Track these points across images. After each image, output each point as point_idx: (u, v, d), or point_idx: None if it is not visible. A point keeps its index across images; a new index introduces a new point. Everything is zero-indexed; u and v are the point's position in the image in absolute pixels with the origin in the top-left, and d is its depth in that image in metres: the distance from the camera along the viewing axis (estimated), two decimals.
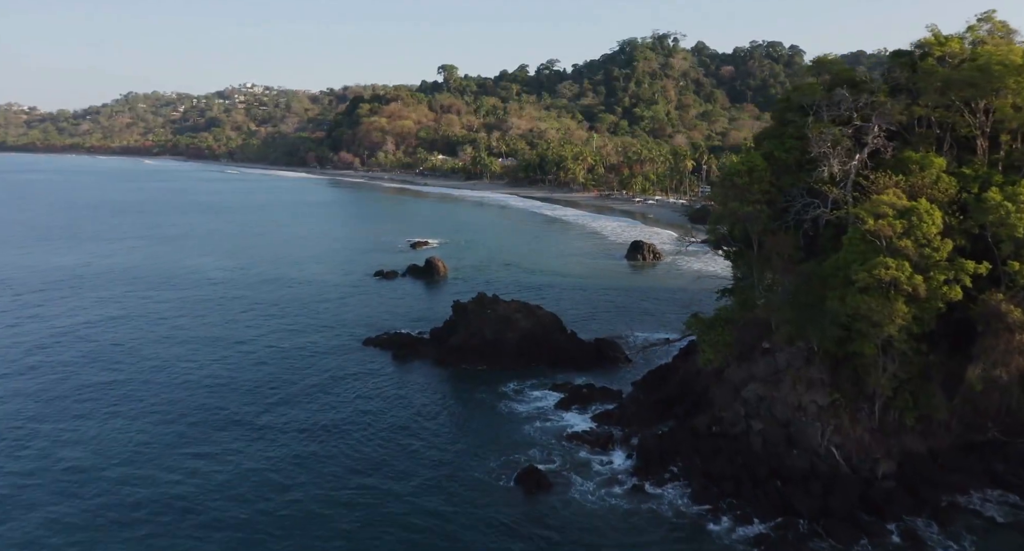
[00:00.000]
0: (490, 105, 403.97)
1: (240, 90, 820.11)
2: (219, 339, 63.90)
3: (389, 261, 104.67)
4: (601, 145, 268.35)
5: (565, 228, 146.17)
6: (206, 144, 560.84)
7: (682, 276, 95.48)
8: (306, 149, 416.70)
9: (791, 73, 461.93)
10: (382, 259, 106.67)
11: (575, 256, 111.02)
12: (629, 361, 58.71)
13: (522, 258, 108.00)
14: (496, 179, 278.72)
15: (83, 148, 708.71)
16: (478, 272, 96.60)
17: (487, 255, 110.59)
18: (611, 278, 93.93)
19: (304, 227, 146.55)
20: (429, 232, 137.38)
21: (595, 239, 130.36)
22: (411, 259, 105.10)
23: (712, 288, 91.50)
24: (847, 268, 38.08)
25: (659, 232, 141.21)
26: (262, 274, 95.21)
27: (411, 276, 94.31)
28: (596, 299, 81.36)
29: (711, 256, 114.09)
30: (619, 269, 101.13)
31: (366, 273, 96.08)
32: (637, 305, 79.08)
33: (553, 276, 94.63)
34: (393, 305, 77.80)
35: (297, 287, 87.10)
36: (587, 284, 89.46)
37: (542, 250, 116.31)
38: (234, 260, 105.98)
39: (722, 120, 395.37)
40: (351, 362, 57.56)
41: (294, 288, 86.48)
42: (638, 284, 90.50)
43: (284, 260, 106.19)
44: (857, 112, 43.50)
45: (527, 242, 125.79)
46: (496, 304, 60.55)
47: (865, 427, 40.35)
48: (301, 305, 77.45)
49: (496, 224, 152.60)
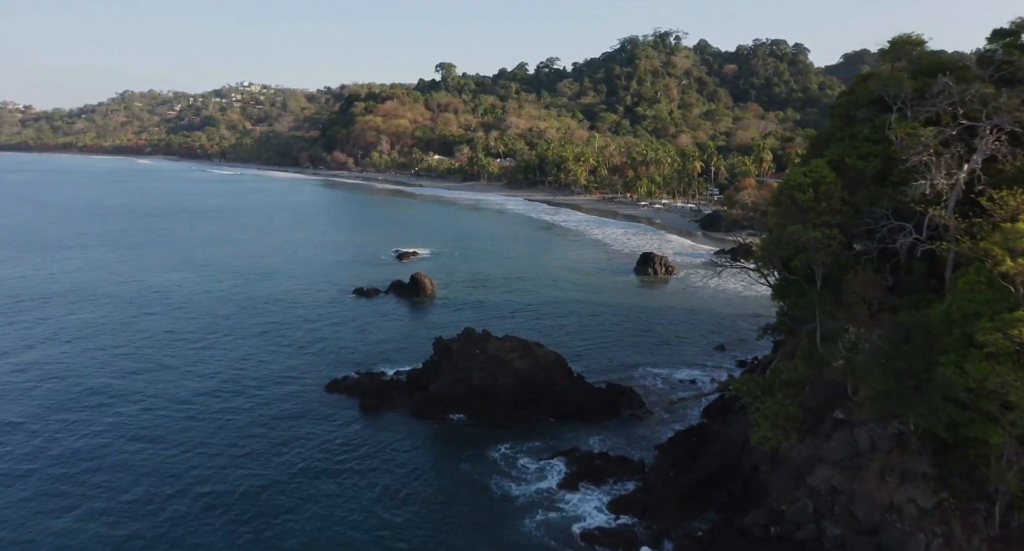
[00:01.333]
0: (488, 104, 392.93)
1: (237, 89, 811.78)
2: (149, 386, 52.93)
3: (372, 275, 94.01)
4: (603, 145, 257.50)
5: (566, 236, 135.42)
6: (198, 143, 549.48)
7: (701, 295, 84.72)
8: (299, 148, 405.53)
9: (795, 72, 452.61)
10: (364, 273, 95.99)
11: (578, 270, 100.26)
12: (649, 413, 47.98)
13: (519, 272, 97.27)
14: (494, 180, 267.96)
15: (76, 147, 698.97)
16: (469, 290, 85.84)
17: (480, 268, 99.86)
18: (620, 297, 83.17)
19: (284, 234, 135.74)
20: (419, 240, 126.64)
21: (599, 249, 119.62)
22: (396, 273, 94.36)
23: (737, 311, 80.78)
24: (968, 323, 27.40)
25: (669, 239, 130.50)
26: (227, 292, 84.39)
27: (394, 294, 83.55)
28: (604, 325, 70.63)
29: (726, 269, 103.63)
30: (628, 286, 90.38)
31: (344, 290, 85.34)
32: (652, 333, 68.34)
33: (554, 295, 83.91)
34: (369, 333, 67.01)
35: (263, 309, 76.30)
36: (593, 305, 78.72)
37: (541, 262, 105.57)
38: (200, 273, 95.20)
39: (726, 119, 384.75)
40: (308, 417, 46.77)
41: (259, 310, 75.69)
42: (651, 304, 79.74)
43: (255, 274, 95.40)
44: (963, 107, 32.73)
45: (525, 253, 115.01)
46: (487, 342, 49.83)
47: (983, 537, 29.72)
48: (262, 334, 66.66)
49: (492, 231, 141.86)
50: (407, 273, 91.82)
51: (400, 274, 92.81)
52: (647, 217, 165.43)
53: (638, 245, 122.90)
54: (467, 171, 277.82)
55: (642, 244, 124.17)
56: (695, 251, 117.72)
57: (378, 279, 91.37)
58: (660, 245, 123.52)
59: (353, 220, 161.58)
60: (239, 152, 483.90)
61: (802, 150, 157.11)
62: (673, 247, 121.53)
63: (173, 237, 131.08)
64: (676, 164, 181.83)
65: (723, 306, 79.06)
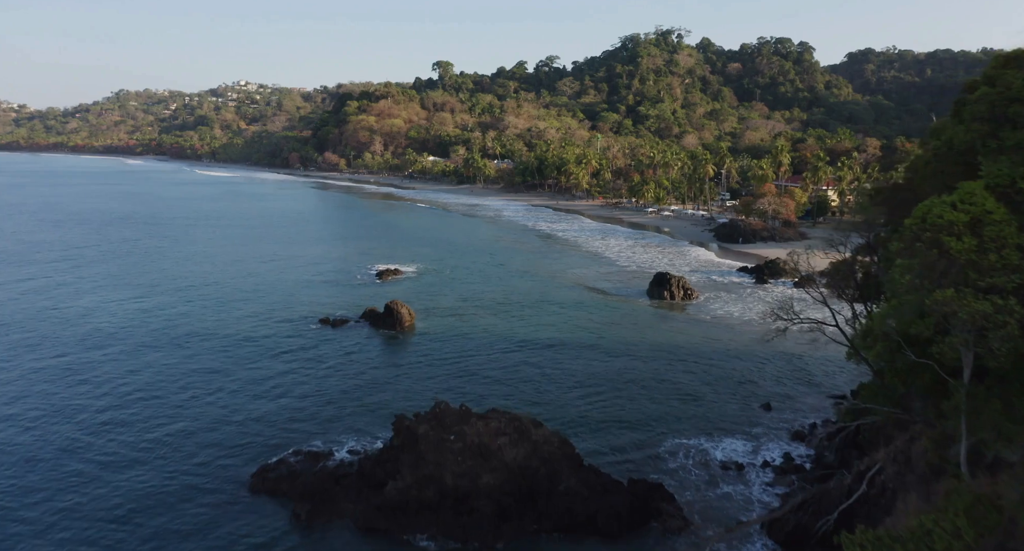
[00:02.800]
0: (486, 103, 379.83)
1: (233, 88, 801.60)
2: (19, 480, 39.70)
3: (344, 299, 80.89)
4: (606, 146, 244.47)
5: (567, 249, 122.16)
6: (189, 143, 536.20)
7: (728, 327, 71.57)
8: (290, 149, 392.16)
9: (801, 71, 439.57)
10: (336, 296, 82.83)
11: (581, 293, 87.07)
12: (686, 522, 34.82)
13: (513, 297, 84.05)
14: (490, 183, 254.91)
15: (67, 147, 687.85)
16: (453, 322, 72.58)
17: (469, 291, 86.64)
18: (633, 330, 69.98)
19: (254, 246, 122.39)
20: (404, 254, 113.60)
21: (605, 265, 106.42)
22: (372, 297, 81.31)
23: (776, 351, 66.87)
24: None
25: (682, 252, 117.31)
26: (167, 325, 71.13)
27: (366, 325, 70.39)
28: (616, 371, 57.47)
29: (753, 291, 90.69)
30: (641, 315, 77.18)
31: (309, 319, 72.17)
32: (676, 382, 55.20)
33: (553, 329, 70.76)
34: (325, 384, 53.74)
35: (202, 348, 63.05)
36: (601, 343, 65.57)
37: (539, 284, 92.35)
38: (143, 298, 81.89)
39: (731, 119, 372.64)
40: (215, 535, 33.55)
41: (197, 351, 62.43)
42: (671, 340, 66.54)
43: (208, 298, 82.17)
44: None
45: (520, 270, 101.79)
46: (465, 422, 36.66)
47: None
48: (191, 385, 53.42)
49: (485, 243, 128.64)
50: (385, 297, 78.94)
51: (377, 298, 79.83)
52: (655, 225, 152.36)
53: (648, 260, 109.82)
54: (462, 173, 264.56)
55: (652, 259, 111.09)
56: (713, 267, 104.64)
57: (351, 304, 78.34)
58: (672, 260, 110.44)
59: (334, 230, 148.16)
60: (229, 152, 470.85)
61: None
62: (688, 262, 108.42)
63: (128, 250, 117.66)
64: (686, 167, 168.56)
65: (758, 343, 65.86)
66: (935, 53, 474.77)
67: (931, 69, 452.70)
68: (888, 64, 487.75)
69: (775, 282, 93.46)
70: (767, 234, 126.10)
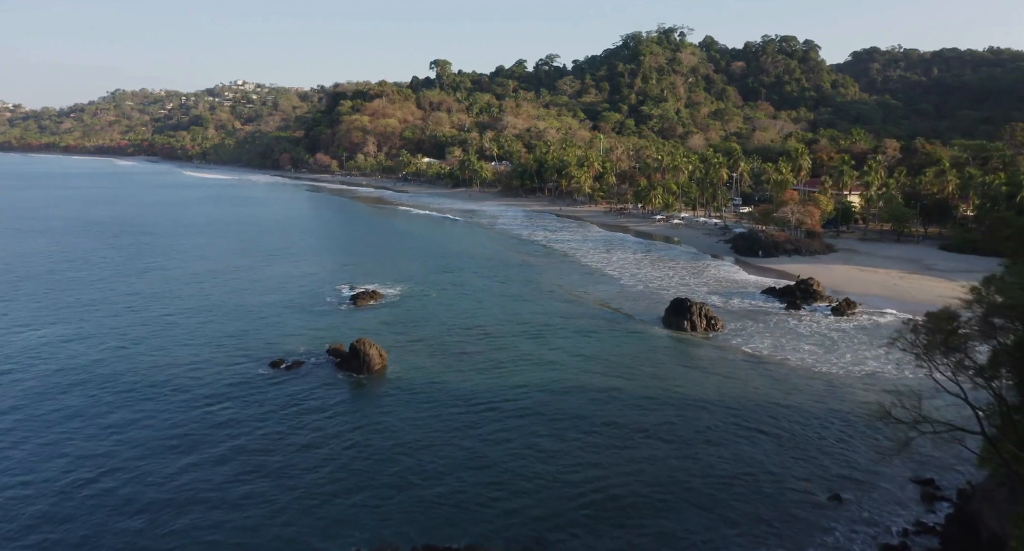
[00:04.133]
0: (484, 102, 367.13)
1: (230, 87, 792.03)
2: None
3: (307, 332, 68.48)
4: (609, 147, 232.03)
5: (569, 264, 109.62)
6: (180, 144, 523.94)
7: (767, 371, 59.03)
8: (281, 150, 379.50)
9: (806, 69, 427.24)
10: (298, 328, 70.40)
11: (586, 322, 74.60)
12: None
13: (506, 330, 71.57)
14: (487, 186, 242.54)
15: (59, 147, 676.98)
16: (434, 363, 60.17)
17: (455, 321, 74.16)
18: (649, 378, 57.49)
19: (218, 260, 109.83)
20: (387, 270, 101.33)
21: (612, 284, 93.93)
22: (341, 328, 69.07)
23: (832, 405, 49.83)
24: None
25: (699, 268, 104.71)
26: (68, 364, 58.72)
27: (326, 368, 58.06)
28: (630, 440, 45.11)
29: (785, 319, 78.39)
30: (658, 353, 64.71)
31: (259, 360, 59.79)
32: (710, 461, 42.74)
33: (551, 373, 58.44)
34: (254, 477, 41.19)
35: (118, 402, 50.66)
36: (611, 393, 53.20)
37: (536, 310, 79.86)
38: (68, 330, 69.47)
39: (737, 119, 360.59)
40: None
41: (110, 406, 50.04)
42: (698, 393, 54.05)
43: (140, 330, 69.72)
44: None
45: (516, 293, 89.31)
46: None
47: None
48: (70, 472, 41.04)
49: (478, 258, 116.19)
50: (356, 328, 67.05)
51: (347, 329, 67.71)
52: (664, 234, 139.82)
53: (659, 278, 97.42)
54: (458, 176, 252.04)
55: (664, 277, 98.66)
56: (734, 287, 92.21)
57: (315, 337, 66.09)
58: (686, 278, 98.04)
59: (312, 241, 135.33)
60: (220, 153, 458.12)
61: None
62: (705, 281, 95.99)
63: (79, 263, 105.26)
64: (698, 171, 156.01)
65: (805, 392, 53.54)
66: (941, 52, 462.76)
67: (938, 68, 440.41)
68: (893, 63, 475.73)
69: (809, 308, 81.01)
70: (791, 247, 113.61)
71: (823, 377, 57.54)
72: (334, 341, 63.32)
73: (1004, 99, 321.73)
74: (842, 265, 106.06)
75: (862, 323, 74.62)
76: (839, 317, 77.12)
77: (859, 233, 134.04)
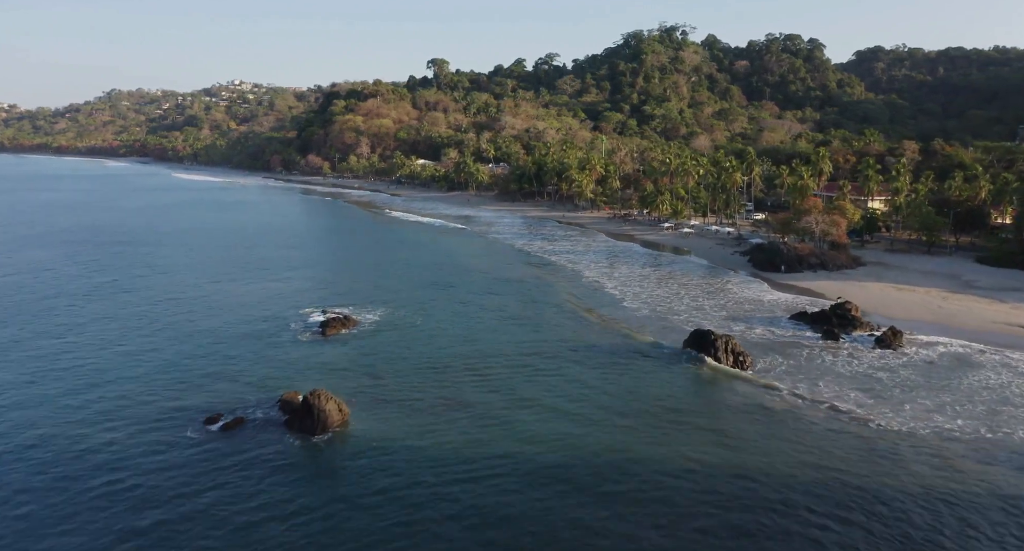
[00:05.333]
0: (482, 102, 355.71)
1: (227, 87, 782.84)
2: None
3: (257, 374, 57.47)
4: (612, 148, 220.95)
5: (570, 282, 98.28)
6: (171, 145, 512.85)
7: (815, 426, 47.96)
8: (272, 151, 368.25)
9: (811, 69, 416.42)
10: (250, 368, 59.33)
11: (592, 358, 63.57)
12: None
13: (497, 370, 60.53)
14: (484, 190, 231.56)
15: (51, 148, 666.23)
16: (405, 421, 49.10)
17: (438, 358, 63.04)
18: (676, 434, 46.55)
19: (177, 276, 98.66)
20: (366, 289, 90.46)
21: (619, 309, 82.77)
22: (302, 368, 58.23)
23: (897, 482, 35.53)
24: None
25: (714, 285, 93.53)
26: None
27: (271, 431, 47.08)
28: (672, 531, 34.18)
29: (822, 353, 67.55)
30: (682, 400, 53.72)
31: (189, 419, 48.73)
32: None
33: (553, 430, 47.56)
34: None
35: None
36: (632, 459, 42.32)
37: (534, 342, 68.83)
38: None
39: (742, 119, 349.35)
40: None
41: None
42: (746, 460, 42.99)
43: (68, 369, 58.74)
44: None
45: (510, 318, 78.28)
46: None
47: None
48: None
49: (470, 272, 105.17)
50: (319, 368, 56.41)
51: (308, 368, 57.05)
52: (673, 245, 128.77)
53: (671, 299, 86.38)
54: (453, 179, 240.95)
55: (675, 296, 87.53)
56: (758, 311, 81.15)
57: (266, 381, 55.24)
58: (700, 300, 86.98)
59: (288, 252, 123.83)
60: (211, 154, 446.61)
61: None
62: (723, 303, 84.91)
63: (20, 282, 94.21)
64: (709, 175, 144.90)
65: (872, 458, 42.56)
66: (947, 51, 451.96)
67: (943, 67, 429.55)
68: (898, 62, 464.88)
69: (848, 338, 70.05)
70: (816, 260, 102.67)
71: (886, 436, 46.59)
72: (289, 387, 52.53)
73: (1012, 98, 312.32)
74: (875, 282, 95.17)
75: (912, 358, 63.82)
76: (884, 350, 66.20)
77: (885, 243, 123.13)
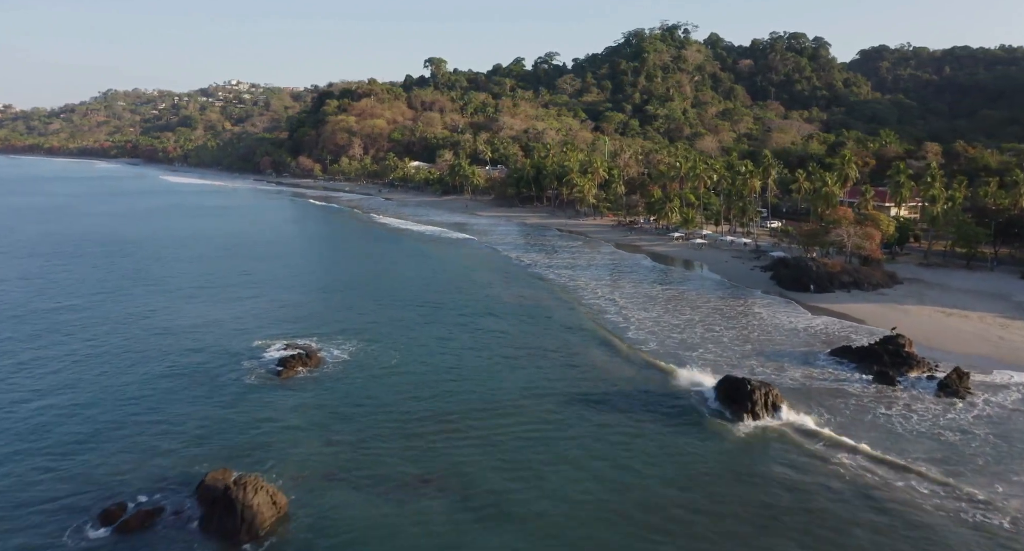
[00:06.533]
0: (479, 102, 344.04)
1: (224, 87, 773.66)
2: None
3: (184, 440, 45.87)
4: (615, 150, 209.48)
5: (570, 308, 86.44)
6: (162, 146, 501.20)
7: (898, 517, 36.45)
8: (262, 152, 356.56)
9: (817, 67, 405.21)
10: (174, 431, 47.68)
11: (598, 413, 52.05)
12: None
13: (485, 426, 49.02)
14: (480, 194, 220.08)
15: (42, 149, 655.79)
16: (355, 511, 37.50)
17: (412, 412, 51.38)
18: (718, 529, 35.10)
19: (128, 296, 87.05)
20: (338, 315, 78.95)
21: (627, 340, 71.12)
22: (239, 428, 46.76)
23: None
24: None
25: (735, 308, 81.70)
26: None
27: (185, 533, 35.65)
28: None
29: (875, 401, 56.09)
30: (716, 478, 42.18)
31: (80, 515, 37.31)
32: None
33: (561, 517, 36.09)
34: None
35: None
36: None
37: (522, 384, 57.29)
38: None
39: (747, 119, 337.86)
40: None
41: None
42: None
43: None
44: None
45: (502, 356, 66.71)
46: None
47: None
48: None
49: (459, 293, 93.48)
50: (265, 425, 44.93)
51: (250, 426, 45.58)
52: (685, 257, 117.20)
53: (685, 328, 74.76)
54: (447, 182, 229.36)
55: (689, 325, 75.85)
56: (789, 341, 69.53)
57: (193, 453, 43.74)
58: (721, 328, 75.36)
59: (260, 265, 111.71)
60: (202, 156, 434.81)
61: None
62: (747, 333, 73.27)
63: None
64: (724, 181, 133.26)
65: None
66: (952, 50, 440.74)
67: (949, 67, 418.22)
68: (903, 62, 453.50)
69: (904, 381, 58.51)
70: (848, 278, 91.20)
71: (997, 535, 35.12)
72: (219, 460, 41.20)
73: (1020, 98, 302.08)
74: (918, 305, 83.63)
75: (986, 410, 52.42)
76: (951, 398, 54.75)
77: (916, 256, 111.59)
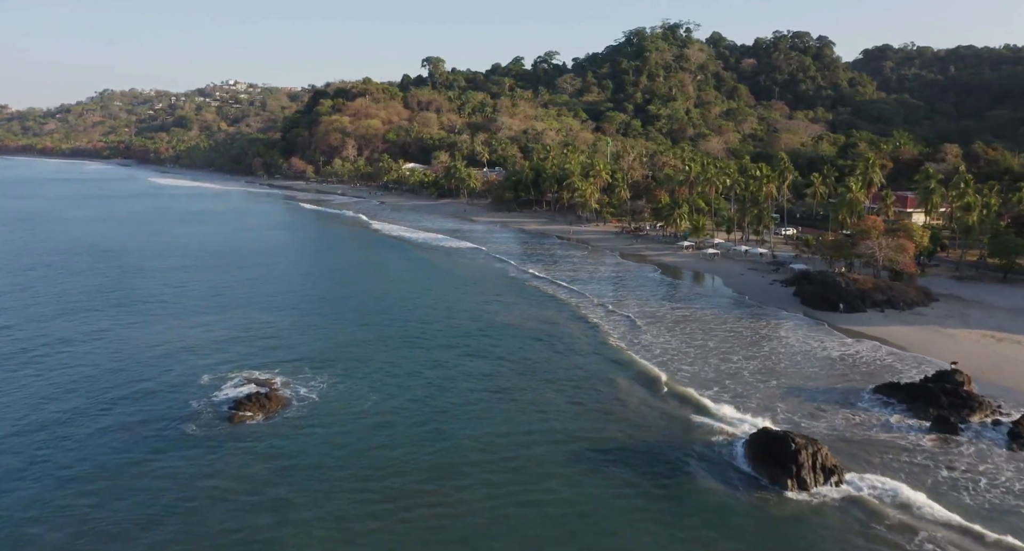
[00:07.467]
0: (477, 101, 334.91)
1: (221, 87, 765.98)
2: None
3: (95, 526, 36.77)
4: (618, 152, 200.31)
5: (571, 336, 77.16)
6: (155, 146, 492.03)
7: None
8: (254, 154, 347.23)
9: (821, 67, 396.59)
10: (87, 513, 38.55)
11: (607, 480, 42.87)
12: None
13: (467, 496, 39.82)
14: (477, 197, 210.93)
15: (35, 149, 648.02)
16: None
17: (380, 482, 42.14)
18: None
19: (73, 313, 77.67)
20: (309, 341, 69.71)
21: (644, 387, 61.48)
22: (168, 495, 37.48)
23: None
24: None
25: (759, 331, 72.46)
26: None
27: None
28: None
29: (937, 460, 46.68)
30: None
31: None
32: None
33: None
34: None
35: None
36: None
37: (517, 440, 48.03)
38: None
39: (751, 119, 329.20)
40: None
41: None
42: None
43: None
44: None
45: (488, 391, 57.48)
46: None
47: None
48: None
49: (449, 314, 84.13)
50: (199, 499, 35.72)
51: (180, 497, 36.26)
52: (696, 269, 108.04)
53: (698, 359, 65.49)
54: (443, 185, 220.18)
55: (702, 354, 66.59)
56: (825, 374, 60.41)
57: (68, 528, 34.50)
58: (740, 358, 66.15)
59: (230, 280, 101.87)
60: (194, 157, 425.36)
61: None
62: (773, 364, 64.02)
63: None
64: (738, 186, 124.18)
65: None
66: (957, 49, 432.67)
67: (954, 66, 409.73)
68: (908, 61, 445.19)
69: (967, 429, 49.31)
70: (882, 297, 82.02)
71: None
72: None
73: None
74: (962, 329, 74.40)
75: None
76: None
77: (947, 268, 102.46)
